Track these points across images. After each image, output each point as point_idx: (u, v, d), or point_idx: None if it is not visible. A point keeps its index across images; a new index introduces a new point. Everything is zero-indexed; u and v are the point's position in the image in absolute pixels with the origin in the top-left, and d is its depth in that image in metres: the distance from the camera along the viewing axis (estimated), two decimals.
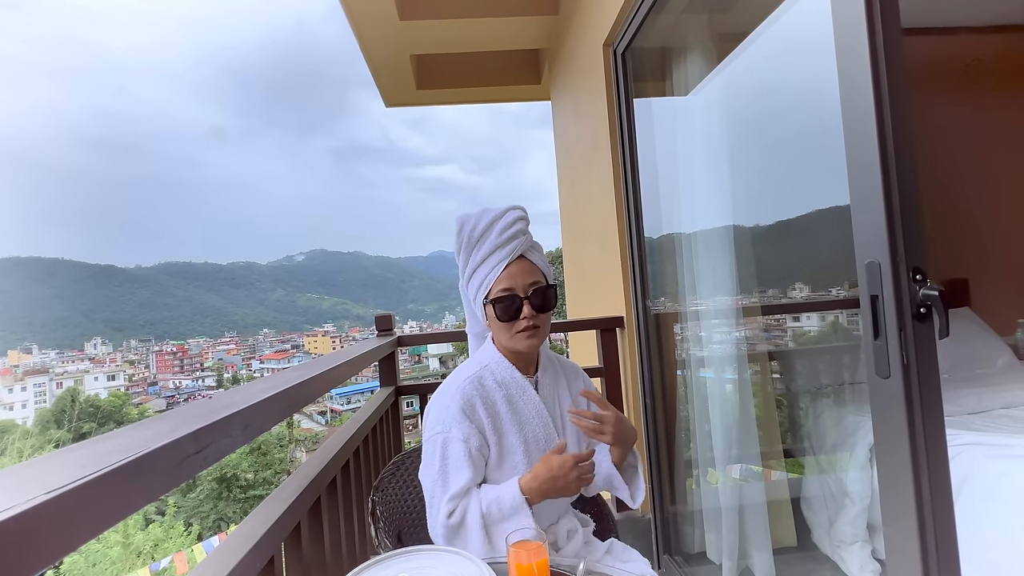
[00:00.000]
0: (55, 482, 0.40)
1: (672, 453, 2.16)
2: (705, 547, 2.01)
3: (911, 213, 0.83)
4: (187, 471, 0.55)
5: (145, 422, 0.62)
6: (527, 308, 1.06)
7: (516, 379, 1.10)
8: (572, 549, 1.13)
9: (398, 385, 2.24)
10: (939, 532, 0.81)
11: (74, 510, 0.40)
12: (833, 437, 2.09)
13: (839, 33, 0.91)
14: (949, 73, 3.03)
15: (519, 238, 1.08)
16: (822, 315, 2.85)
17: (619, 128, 2.25)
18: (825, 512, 2.00)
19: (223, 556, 0.76)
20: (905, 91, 0.83)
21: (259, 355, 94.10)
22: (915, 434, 0.81)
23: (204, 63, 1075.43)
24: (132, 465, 0.46)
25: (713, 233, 1.91)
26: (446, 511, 0.97)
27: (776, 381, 2.37)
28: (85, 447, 0.52)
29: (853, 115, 0.89)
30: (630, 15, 2.02)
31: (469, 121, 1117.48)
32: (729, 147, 1.88)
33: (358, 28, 3.27)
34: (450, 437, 1.02)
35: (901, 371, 0.82)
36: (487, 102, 4.65)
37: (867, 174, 0.86)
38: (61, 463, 0.45)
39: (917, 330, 0.82)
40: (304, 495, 1.03)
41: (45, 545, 0.37)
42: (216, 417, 0.62)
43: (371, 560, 0.77)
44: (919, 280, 0.82)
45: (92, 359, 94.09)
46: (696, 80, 1.94)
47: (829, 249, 2.24)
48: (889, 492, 0.87)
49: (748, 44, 1.94)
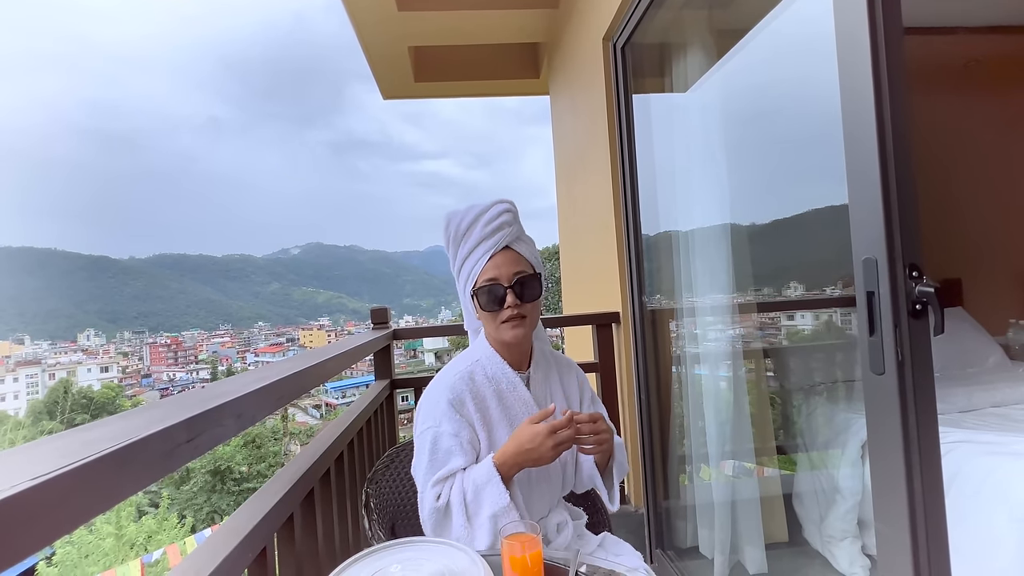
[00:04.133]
0: (42, 468, 0.39)
1: (666, 448, 2.17)
2: (698, 542, 2.02)
3: (908, 211, 0.83)
4: (178, 460, 0.54)
5: (135, 410, 0.61)
6: (511, 297, 1.05)
7: (507, 374, 1.10)
8: (563, 542, 1.13)
9: (393, 379, 2.24)
10: (930, 528, 0.81)
11: (61, 497, 0.39)
12: (825, 434, 2.10)
13: (840, 31, 0.90)
14: (946, 73, 3.04)
15: (504, 229, 1.08)
16: (816, 313, 2.87)
17: (617, 123, 2.24)
18: (816, 508, 2.01)
19: (215, 546, 0.76)
20: (905, 90, 0.83)
21: (254, 348, 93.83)
22: (908, 430, 0.82)
23: (200, 55, 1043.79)
24: (121, 452, 0.45)
25: (710, 230, 1.92)
26: (433, 495, 0.99)
27: (770, 378, 2.39)
28: (73, 435, 0.52)
29: (853, 112, 0.88)
30: (630, 9, 2.00)
31: (466, 116, 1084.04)
32: (727, 145, 1.88)
33: (356, 19, 3.24)
34: (440, 432, 1.02)
35: (896, 367, 0.82)
36: (485, 96, 4.63)
37: (866, 171, 0.86)
38: (49, 450, 0.45)
39: (912, 327, 0.82)
40: (297, 486, 1.02)
41: (31, 532, 0.36)
42: (208, 406, 0.61)
43: (364, 551, 0.77)
44: (915, 277, 0.82)
45: (85, 351, 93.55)
46: (695, 76, 1.93)
47: (823, 248, 2.25)
48: (881, 487, 0.87)
49: (747, 41, 1.93)
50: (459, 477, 1.00)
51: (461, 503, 0.97)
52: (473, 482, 0.98)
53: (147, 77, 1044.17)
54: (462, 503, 0.97)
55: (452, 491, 0.99)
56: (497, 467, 0.98)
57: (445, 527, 0.98)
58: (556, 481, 1.14)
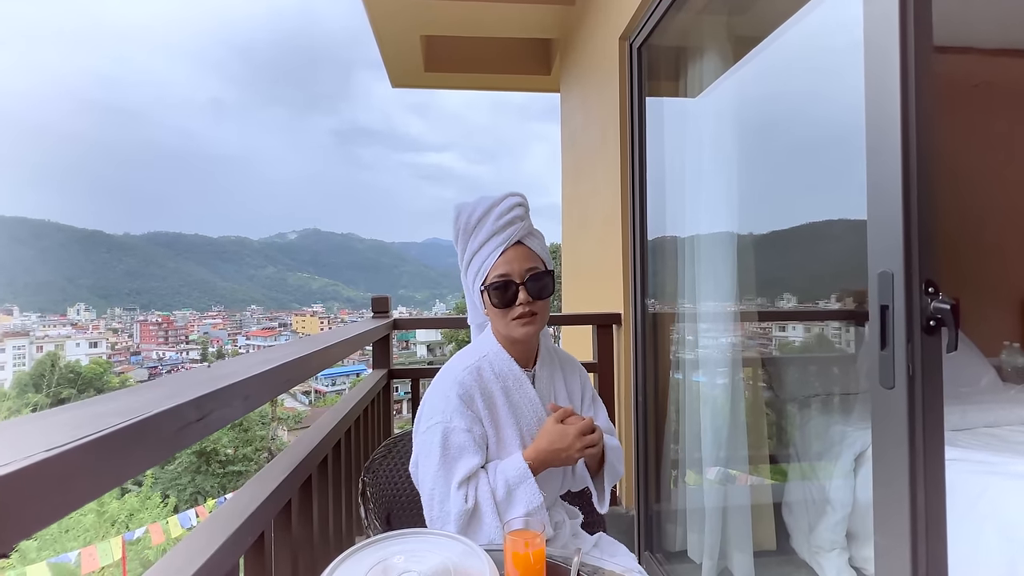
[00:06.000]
0: (56, 439, 0.38)
1: (660, 452, 2.17)
2: (687, 546, 2.03)
3: (927, 226, 0.83)
4: (187, 438, 0.53)
5: (143, 386, 0.60)
6: (523, 294, 1.03)
7: (514, 372, 1.08)
8: (559, 541, 1.12)
9: (391, 368, 2.23)
10: (931, 544, 0.81)
11: (74, 470, 0.38)
12: (819, 445, 2.11)
13: (870, 46, 0.90)
14: (955, 92, 3.05)
15: (517, 223, 1.06)
16: (816, 326, 2.88)
17: (629, 124, 2.23)
18: (806, 518, 2.02)
19: (214, 530, 0.75)
20: (933, 108, 0.83)
21: (245, 331, 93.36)
22: (915, 445, 0.82)
23: (206, 35, 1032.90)
24: (134, 427, 0.44)
25: (716, 237, 1.91)
26: (460, 498, 0.95)
27: (766, 388, 2.39)
28: (84, 407, 0.50)
29: (878, 127, 0.88)
30: (649, 9, 1.99)
31: (472, 110, 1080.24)
32: (738, 152, 1.87)
33: (370, 4, 3.21)
34: (452, 427, 0.99)
35: (906, 382, 0.82)
36: (494, 89, 4.60)
37: (888, 185, 0.85)
38: (60, 422, 0.43)
39: (925, 342, 0.82)
40: (296, 472, 1.01)
41: (45, 503, 0.35)
42: (217, 386, 0.60)
43: (365, 541, 0.76)
44: (931, 293, 0.82)
45: (75, 325, 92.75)
46: (709, 81, 1.93)
47: (827, 260, 2.26)
48: (884, 500, 0.87)
49: (762, 49, 1.93)
50: (483, 476, 0.98)
51: (491, 502, 0.95)
52: (506, 482, 0.96)
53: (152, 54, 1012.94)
54: (492, 502, 0.95)
55: (479, 491, 0.96)
56: (529, 465, 0.97)
57: (475, 528, 0.95)
58: (556, 479, 1.14)
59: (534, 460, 0.98)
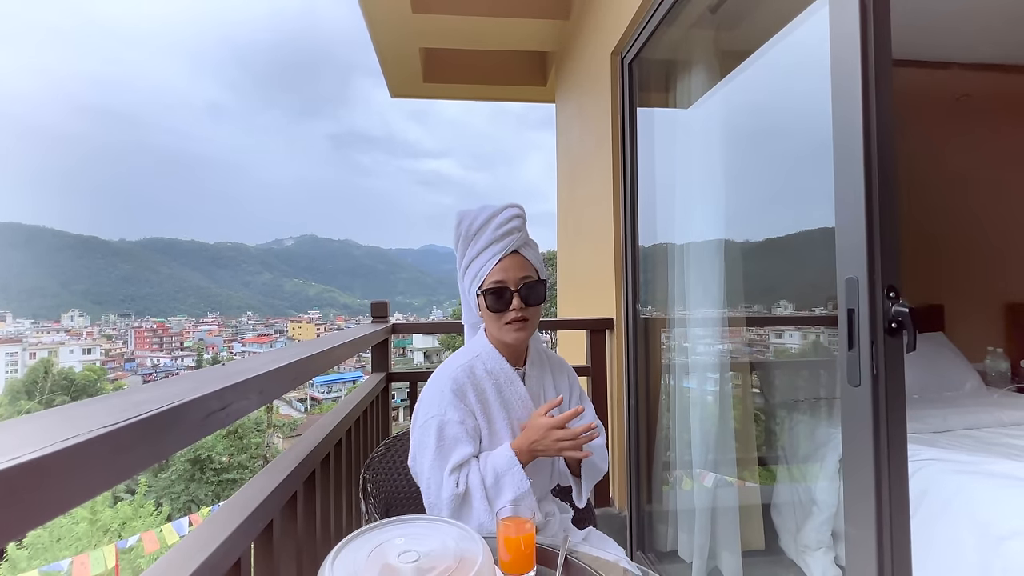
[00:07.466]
0: (104, 420, 0.44)
1: (651, 454, 2.23)
2: (677, 546, 2.08)
3: (889, 235, 0.90)
4: (211, 426, 0.59)
5: (168, 381, 0.65)
6: (516, 300, 1.10)
7: (505, 370, 1.15)
8: (549, 531, 1.18)
9: (389, 372, 2.28)
10: (895, 523, 0.88)
11: (125, 446, 0.44)
12: (806, 448, 2.17)
13: (835, 61, 0.97)
14: (938, 105, 3.15)
15: (514, 234, 1.13)
16: (802, 331, 2.95)
17: (621, 135, 2.31)
18: (793, 518, 2.08)
19: (226, 518, 0.80)
20: (892, 122, 0.90)
21: (241, 338, 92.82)
22: (879, 438, 0.88)
23: (205, 38, 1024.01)
24: (170, 413, 0.50)
25: (704, 245, 1.98)
26: (452, 482, 1.01)
27: (755, 392, 2.46)
28: (115, 398, 0.56)
29: (843, 138, 0.95)
30: (640, 26, 2.08)
31: (470, 117, 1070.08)
32: (726, 161, 1.95)
33: (370, 17, 3.30)
34: (447, 420, 1.06)
35: (871, 380, 0.89)
36: (492, 100, 4.69)
37: (853, 195, 0.92)
38: (102, 407, 0.49)
39: (888, 343, 0.88)
40: (301, 467, 1.07)
41: (109, 470, 0.41)
42: (236, 379, 0.66)
43: (366, 527, 0.81)
44: (892, 297, 0.88)
45: (68, 331, 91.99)
46: (698, 94, 2.01)
47: (812, 268, 2.33)
48: (853, 490, 0.93)
49: (749, 64, 2.01)
50: (474, 464, 1.04)
51: (481, 488, 1.01)
52: (493, 469, 1.03)
53: (150, 57, 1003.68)
54: (482, 488, 1.01)
55: (470, 478, 1.02)
56: (516, 454, 1.04)
57: (465, 512, 1.02)
58: (546, 471, 1.19)
59: (520, 450, 1.05)
